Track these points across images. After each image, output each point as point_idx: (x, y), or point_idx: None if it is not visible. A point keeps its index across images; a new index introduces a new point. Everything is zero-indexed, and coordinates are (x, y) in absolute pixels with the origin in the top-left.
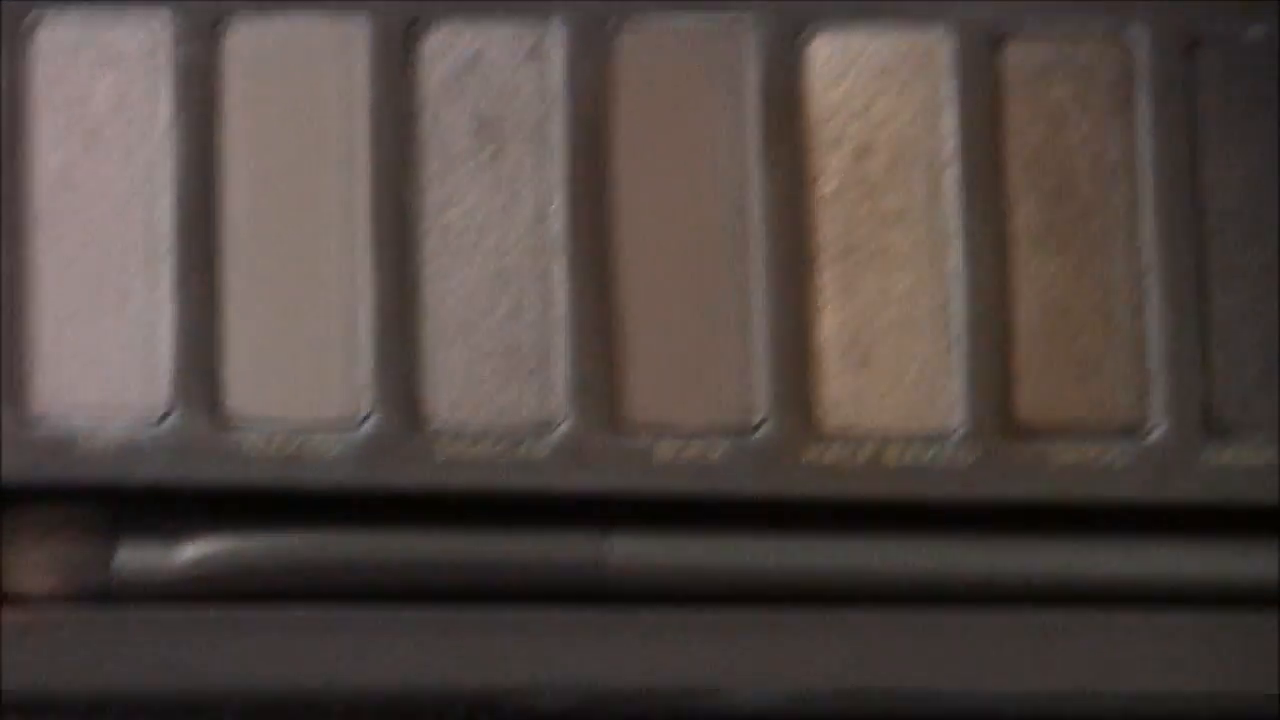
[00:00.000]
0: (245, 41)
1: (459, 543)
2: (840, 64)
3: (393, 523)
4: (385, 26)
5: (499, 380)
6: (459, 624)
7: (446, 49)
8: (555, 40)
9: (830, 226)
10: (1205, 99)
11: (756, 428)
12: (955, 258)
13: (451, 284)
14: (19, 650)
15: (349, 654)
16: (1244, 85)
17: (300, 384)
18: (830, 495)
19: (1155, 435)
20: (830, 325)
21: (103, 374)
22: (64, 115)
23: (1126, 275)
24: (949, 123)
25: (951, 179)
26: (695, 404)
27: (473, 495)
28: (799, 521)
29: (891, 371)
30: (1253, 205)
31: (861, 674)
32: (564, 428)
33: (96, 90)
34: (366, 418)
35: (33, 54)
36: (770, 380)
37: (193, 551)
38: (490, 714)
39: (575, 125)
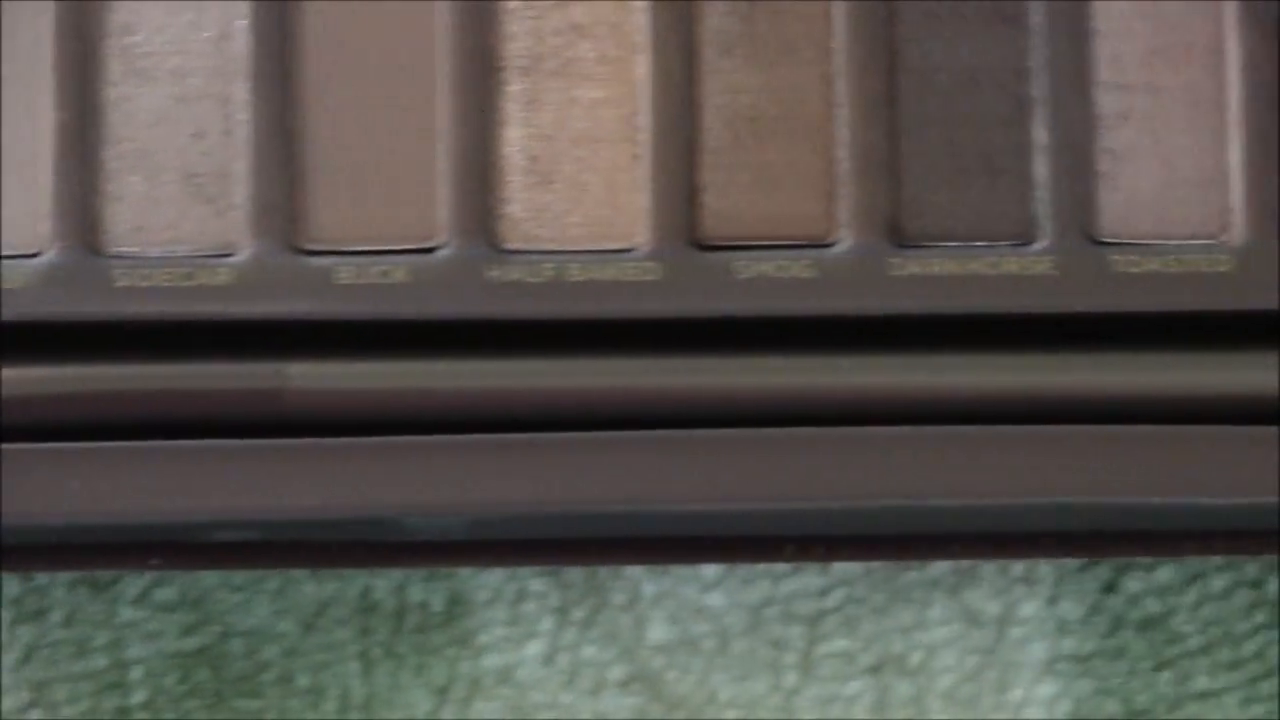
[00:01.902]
0: None
1: (135, 372)
2: None
3: (72, 353)
4: None
5: (180, 206)
6: (134, 456)
7: None
8: None
9: (517, 39)
10: None
11: (438, 248)
12: (642, 68)
13: (134, 108)
14: None
15: (45, 489)
16: None
17: None
18: (513, 315)
19: (842, 246)
20: (514, 141)
21: None
22: None
23: (816, 83)
24: None
25: None
26: (378, 225)
27: (154, 324)
28: (489, 342)
29: (575, 187)
30: (945, 10)
31: (544, 498)
32: (244, 252)
33: None
34: (41, 250)
35: None
36: (452, 199)
37: None
38: (172, 547)
39: None
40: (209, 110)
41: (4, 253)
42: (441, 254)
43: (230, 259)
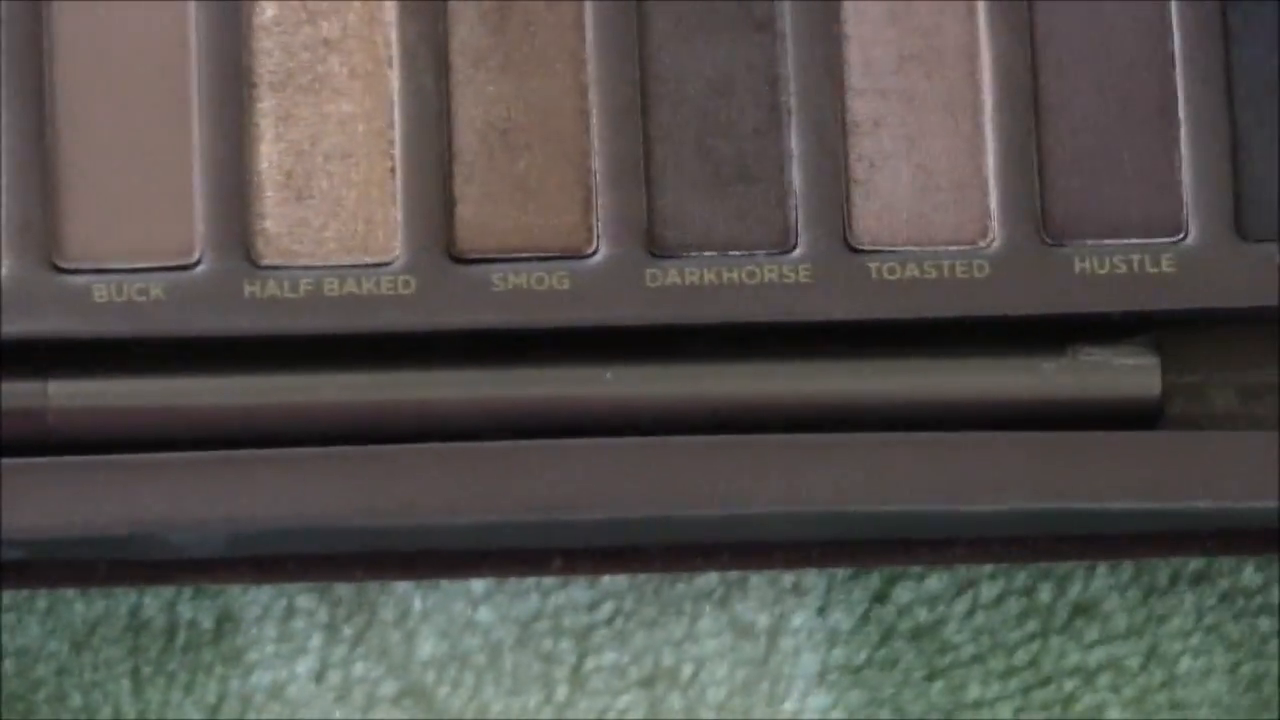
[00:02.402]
0: None
1: None
2: None
3: None
4: None
5: None
6: None
7: None
8: None
9: (269, 54)
10: None
11: (194, 264)
12: (394, 82)
13: None
14: None
15: None
16: None
17: None
18: (270, 330)
19: (599, 257)
20: (268, 156)
21: None
22: None
23: (569, 93)
24: None
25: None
26: (134, 242)
27: None
28: (246, 357)
29: (330, 201)
30: (696, 17)
31: (305, 512)
32: (0, 272)
33: None
34: None
35: None
36: (207, 215)
37: None
38: None
39: None
40: None
41: None
42: (198, 270)
43: None
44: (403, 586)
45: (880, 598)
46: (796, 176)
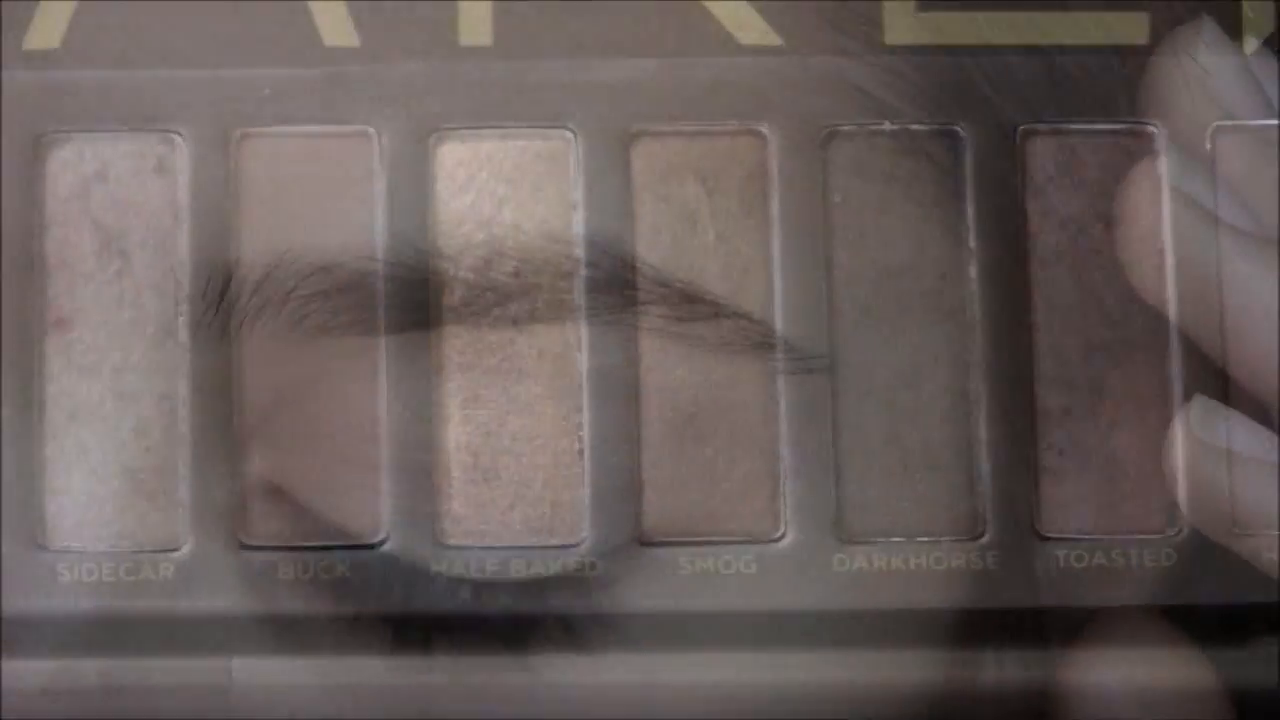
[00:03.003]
0: None
1: (77, 670)
2: (468, 169)
3: (14, 648)
4: (11, 140)
5: (121, 501)
6: None
7: (72, 163)
8: (181, 153)
9: (457, 336)
10: (837, 193)
11: (380, 543)
12: (582, 364)
13: (75, 404)
14: None
15: None
16: (877, 177)
17: None
18: (457, 610)
19: (786, 542)
20: (455, 437)
21: None
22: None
23: (757, 379)
24: (578, 227)
25: (580, 284)
26: (319, 520)
27: (98, 619)
28: (435, 637)
29: (517, 483)
30: (884, 306)
31: None
32: (187, 548)
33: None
34: None
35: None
36: (394, 494)
37: None
38: None
39: (201, 238)
40: (150, 407)
41: None
42: (384, 549)
43: (173, 554)
44: None
45: None
46: (985, 464)
